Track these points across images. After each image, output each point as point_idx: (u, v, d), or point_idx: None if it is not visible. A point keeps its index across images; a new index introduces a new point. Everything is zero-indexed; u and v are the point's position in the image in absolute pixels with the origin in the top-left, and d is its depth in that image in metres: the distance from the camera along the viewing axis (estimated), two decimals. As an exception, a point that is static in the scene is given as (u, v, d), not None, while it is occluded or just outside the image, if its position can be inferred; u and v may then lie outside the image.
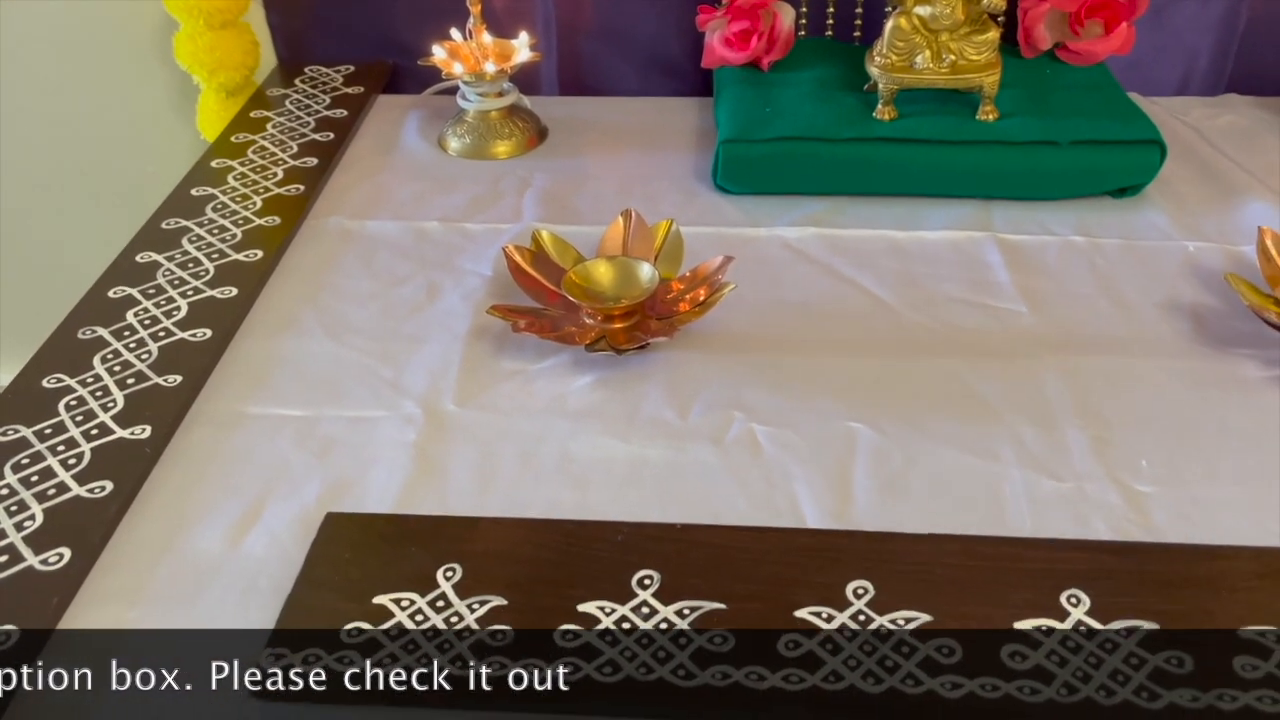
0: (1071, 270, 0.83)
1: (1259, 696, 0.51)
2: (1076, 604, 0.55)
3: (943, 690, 0.51)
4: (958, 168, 0.90)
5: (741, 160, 0.92)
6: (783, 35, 1.02)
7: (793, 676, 0.52)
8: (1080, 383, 0.72)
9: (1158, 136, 0.89)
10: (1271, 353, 0.73)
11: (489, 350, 0.76)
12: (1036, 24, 1.01)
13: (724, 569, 0.58)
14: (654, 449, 0.68)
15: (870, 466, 0.66)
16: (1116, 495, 0.63)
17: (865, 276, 0.83)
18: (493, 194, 0.96)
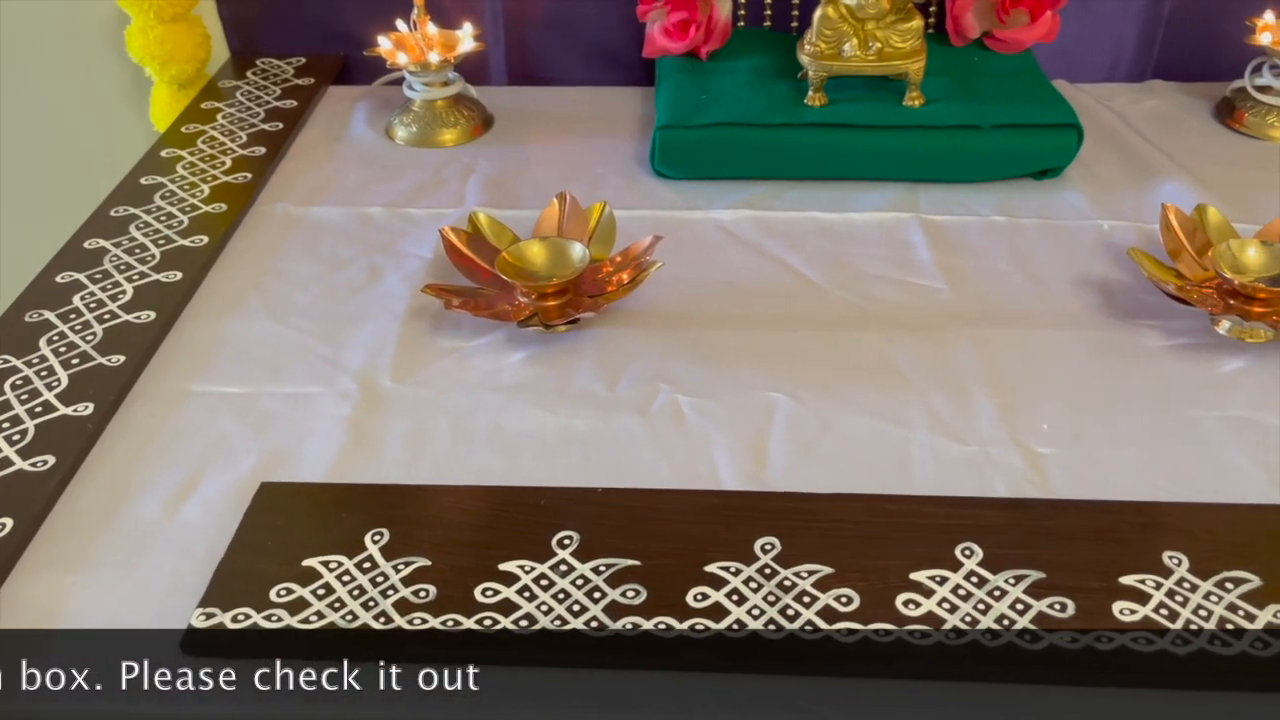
0: (991, 248, 0.87)
1: (1134, 638, 0.54)
2: (970, 556, 0.58)
3: (839, 636, 0.54)
4: (885, 151, 0.94)
5: (678, 146, 0.95)
6: (720, 25, 1.05)
7: (699, 626, 0.55)
8: (991, 353, 0.75)
9: (1075, 121, 0.93)
10: (1173, 323, 0.77)
11: (426, 329, 0.78)
12: (965, 13, 1.04)
13: (640, 528, 0.61)
14: (582, 420, 0.70)
15: (787, 433, 0.69)
16: (1018, 457, 0.66)
17: (794, 256, 0.87)
18: (437, 180, 0.98)
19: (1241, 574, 0.57)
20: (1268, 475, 0.65)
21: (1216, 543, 0.59)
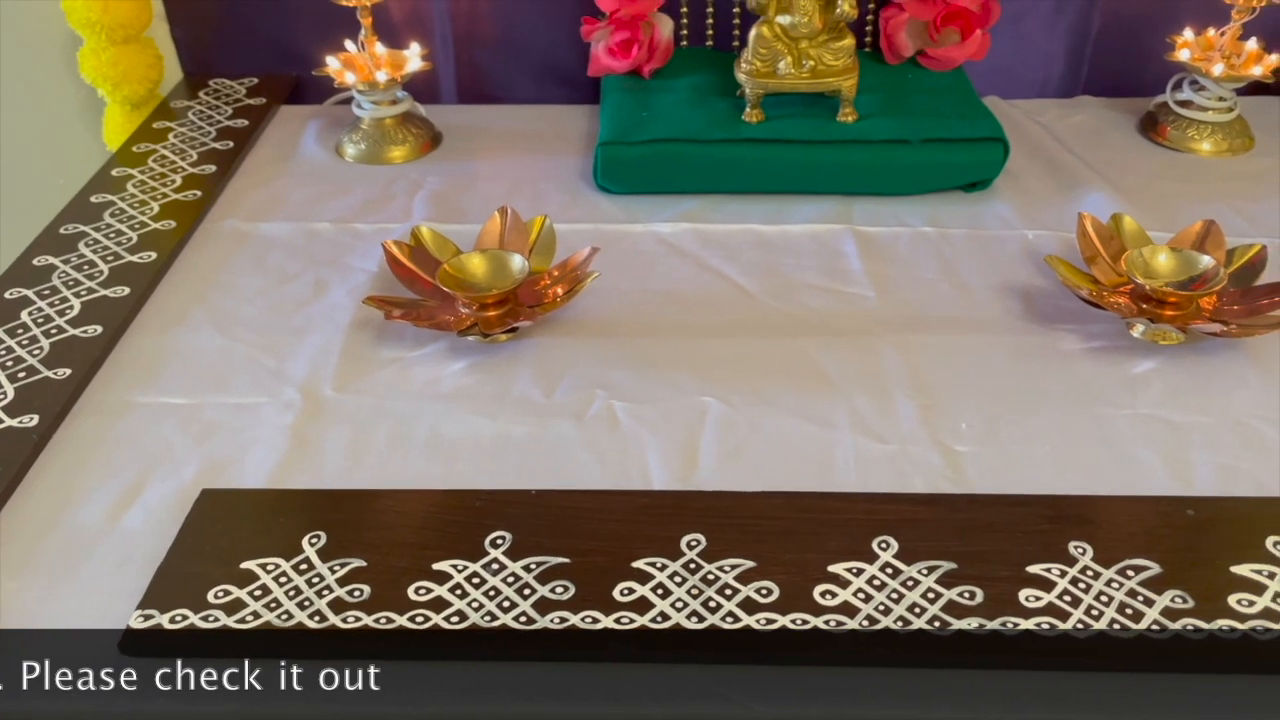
0: (919, 258, 0.90)
1: (1038, 623, 0.57)
2: (886, 548, 0.61)
3: (758, 625, 0.57)
4: (819, 166, 0.97)
5: (619, 161, 0.97)
6: (662, 45, 1.08)
7: (624, 618, 0.57)
8: (915, 357, 0.78)
9: (1001, 135, 0.96)
10: (1089, 327, 0.80)
11: (370, 340, 0.80)
12: (897, 32, 1.08)
13: (571, 528, 0.63)
14: (519, 425, 0.72)
15: (717, 435, 0.71)
16: (936, 455, 0.69)
17: (731, 267, 0.89)
18: (384, 196, 1.00)
19: (1142, 562, 0.60)
20: (1172, 470, 0.68)
21: (1119, 533, 0.62)
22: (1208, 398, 0.73)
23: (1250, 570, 0.59)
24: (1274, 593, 0.58)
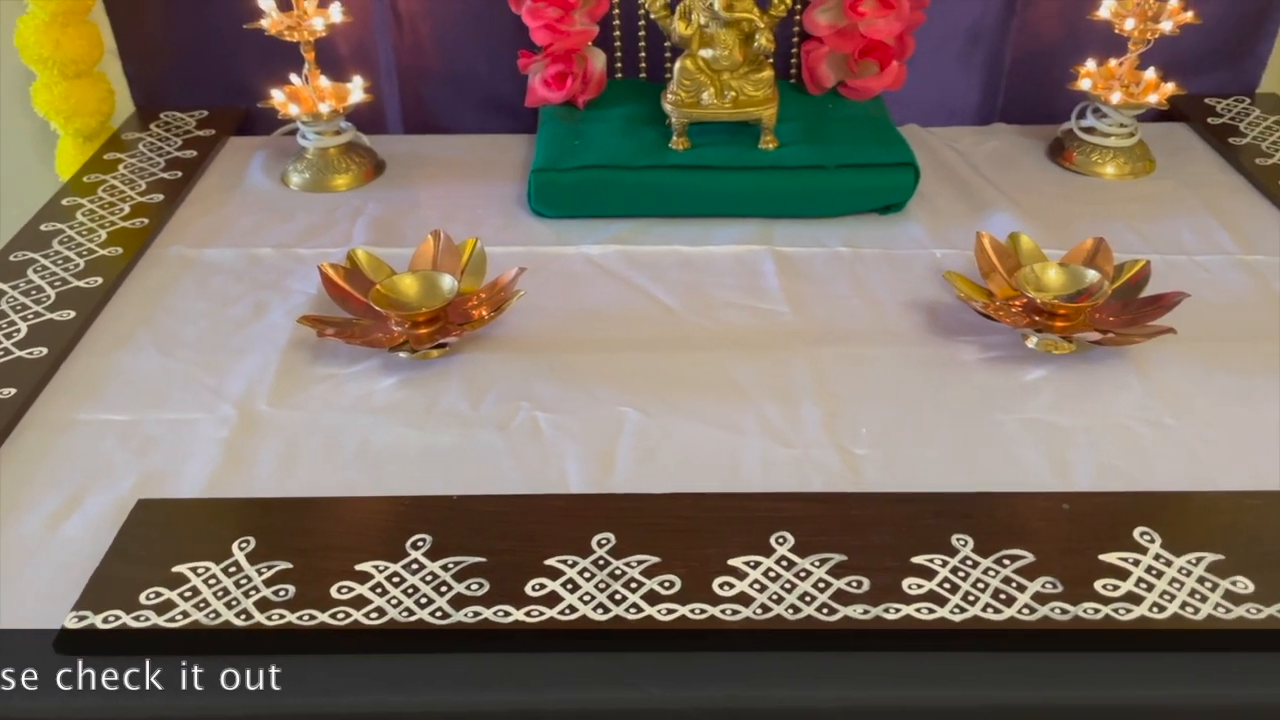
0: (834, 276, 0.95)
1: (918, 609, 0.61)
2: (783, 543, 0.65)
3: (659, 615, 0.61)
4: (741, 191, 1.02)
5: (551, 187, 1.02)
6: (595, 76, 1.13)
7: (534, 612, 0.61)
8: (823, 368, 0.83)
9: (912, 160, 1.02)
10: (988, 338, 0.85)
11: (306, 358, 0.84)
12: (819, 64, 1.14)
13: (489, 529, 0.67)
14: (445, 436, 0.76)
15: (633, 442, 0.75)
16: (836, 458, 0.74)
17: (656, 286, 0.94)
18: (327, 222, 1.04)
19: (1018, 552, 0.64)
20: (1053, 468, 0.73)
21: (999, 526, 0.66)
22: (1093, 402, 0.78)
23: (1117, 558, 0.64)
24: (1137, 578, 0.63)
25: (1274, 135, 1.16)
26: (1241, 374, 0.81)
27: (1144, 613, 0.60)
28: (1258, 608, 0.61)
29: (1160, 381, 0.80)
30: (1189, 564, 0.63)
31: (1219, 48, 1.24)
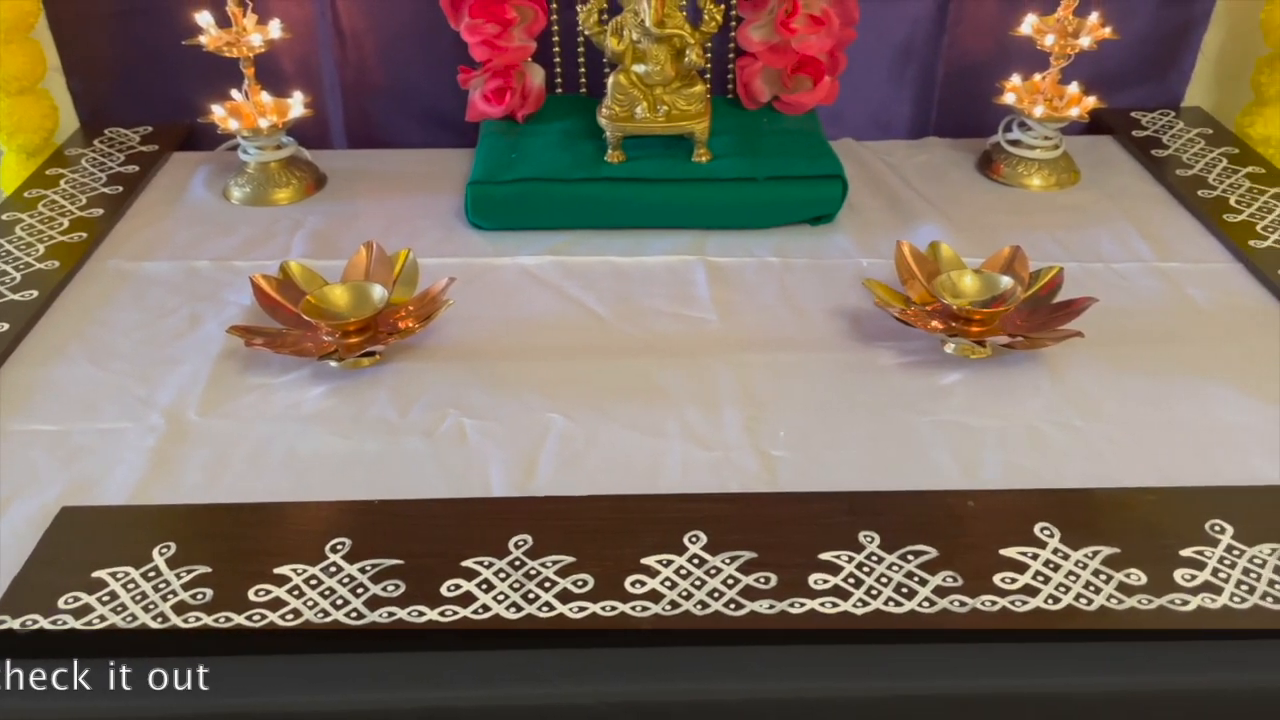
0: (762, 285, 0.97)
1: (822, 603, 0.63)
2: (696, 541, 0.67)
3: (570, 613, 0.62)
4: (674, 202, 1.04)
5: (488, 199, 1.04)
6: (534, 92, 1.15)
7: (448, 611, 0.62)
8: (747, 374, 0.85)
9: (840, 173, 1.05)
10: (908, 344, 0.88)
11: (237, 368, 0.85)
12: (753, 79, 1.16)
13: (408, 533, 0.68)
14: (371, 443, 0.77)
15: (557, 447, 0.77)
16: (754, 460, 0.76)
17: (588, 296, 0.96)
18: (266, 235, 1.05)
19: (922, 547, 0.66)
20: (963, 467, 0.75)
21: (906, 523, 0.68)
22: (1004, 404, 0.81)
23: (1017, 552, 0.66)
24: (1035, 571, 0.65)
25: (1195, 147, 1.19)
26: (1149, 376, 0.84)
27: (1039, 604, 0.62)
28: (1149, 599, 0.63)
29: (1071, 384, 0.83)
30: (1085, 557, 0.65)
31: (1145, 62, 1.28)
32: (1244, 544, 0.66)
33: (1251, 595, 0.63)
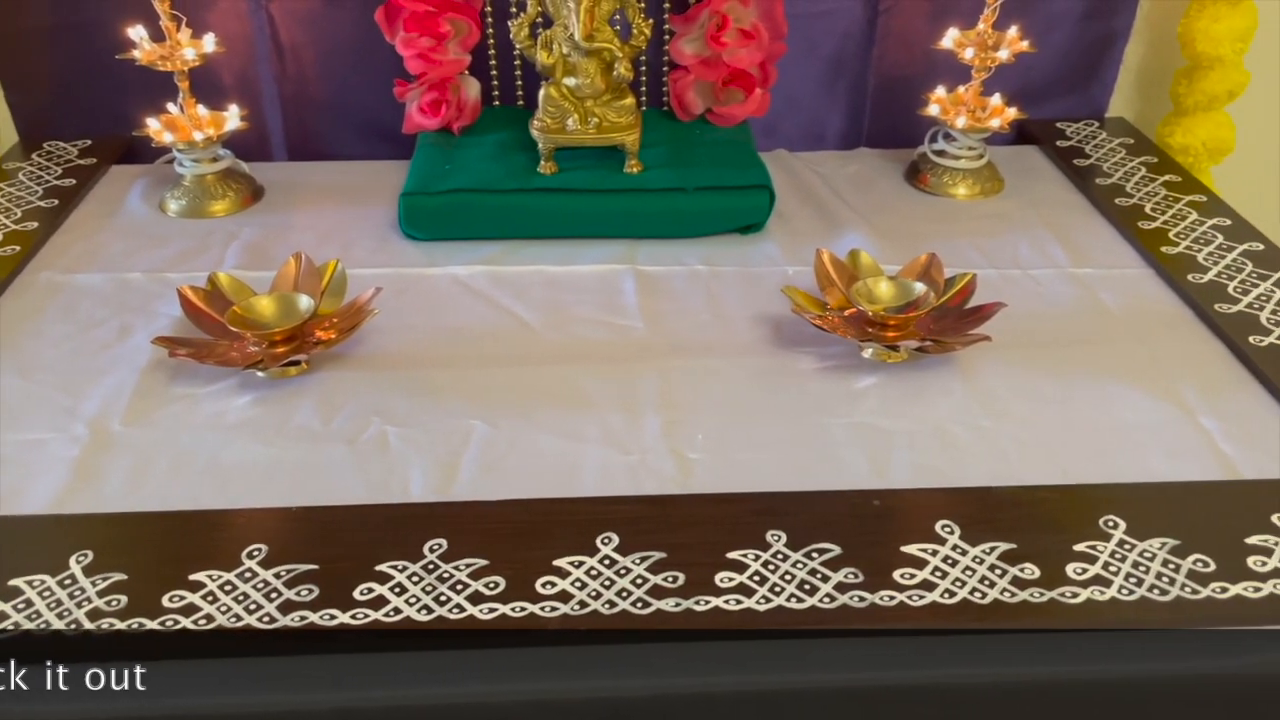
0: (690, 293, 0.99)
1: (727, 600, 0.64)
2: (608, 543, 0.68)
3: (480, 614, 0.63)
4: (606, 212, 1.06)
5: (420, 210, 1.05)
6: (469, 104, 1.17)
7: (359, 614, 0.63)
8: (669, 380, 0.86)
9: (768, 183, 1.07)
10: (827, 349, 0.90)
11: (164, 379, 0.86)
12: (686, 92, 1.19)
13: (324, 538, 0.69)
14: (294, 451, 0.78)
15: (478, 453, 0.78)
16: (670, 463, 0.77)
17: (518, 305, 0.97)
18: (200, 247, 1.06)
19: (826, 545, 0.68)
20: (873, 467, 0.77)
21: (813, 522, 0.70)
22: (916, 407, 0.83)
23: (917, 549, 0.68)
24: (934, 567, 0.67)
25: (1116, 157, 1.23)
26: (1057, 378, 0.86)
27: (935, 599, 0.65)
28: (1041, 592, 0.65)
29: (982, 386, 0.85)
30: (983, 553, 0.68)
31: (1069, 75, 1.31)
32: (1135, 538, 0.69)
33: (1139, 587, 0.65)
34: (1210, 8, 1.21)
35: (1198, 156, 1.27)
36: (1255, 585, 0.66)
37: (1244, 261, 1.01)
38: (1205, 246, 1.04)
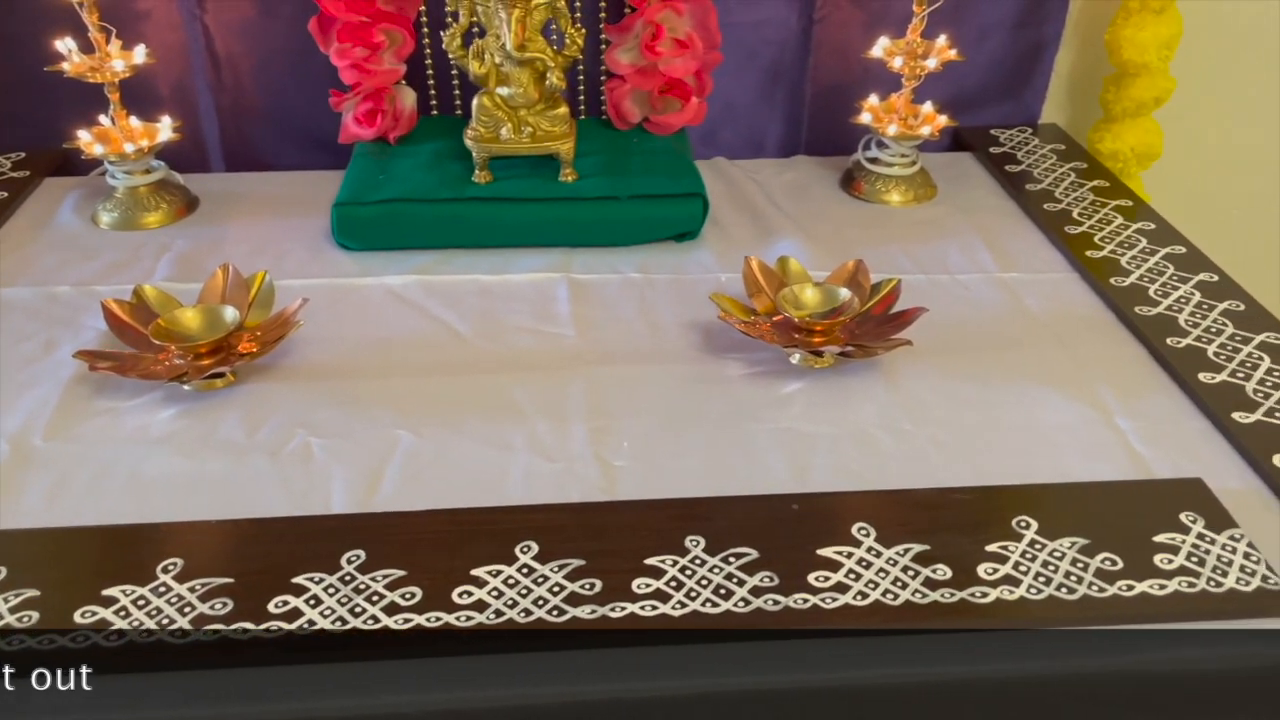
0: (623, 301, 1.00)
1: (643, 606, 0.65)
2: (527, 551, 0.69)
3: (394, 624, 0.63)
4: (540, 221, 1.06)
5: (354, 220, 1.05)
6: (405, 113, 1.17)
7: (273, 627, 0.63)
8: (598, 387, 0.87)
9: (701, 191, 1.08)
10: (756, 355, 0.91)
11: (88, 393, 0.85)
12: (622, 100, 1.19)
13: (241, 551, 0.69)
14: (216, 464, 0.78)
15: (403, 463, 0.78)
16: (596, 470, 0.78)
17: (450, 314, 0.97)
18: (131, 260, 1.05)
19: (744, 549, 0.69)
20: (794, 471, 0.78)
21: (731, 526, 0.71)
22: (840, 411, 0.84)
23: (833, 552, 0.69)
24: (848, 569, 0.68)
25: (1047, 163, 1.25)
26: (979, 381, 0.88)
27: (849, 601, 0.65)
28: (952, 592, 0.66)
29: (905, 391, 0.87)
30: (897, 555, 0.69)
31: (1002, 82, 1.33)
32: (1046, 538, 0.70)
33: (1047, 587, 0.67)
34: (1136, 16, 1.24)
35: (1127, 162, 1.30)
36: (1160, 583, 0.67)
37: (1166, 265, 1.03)
38: (1129, 250, 1.06)
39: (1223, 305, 0.96)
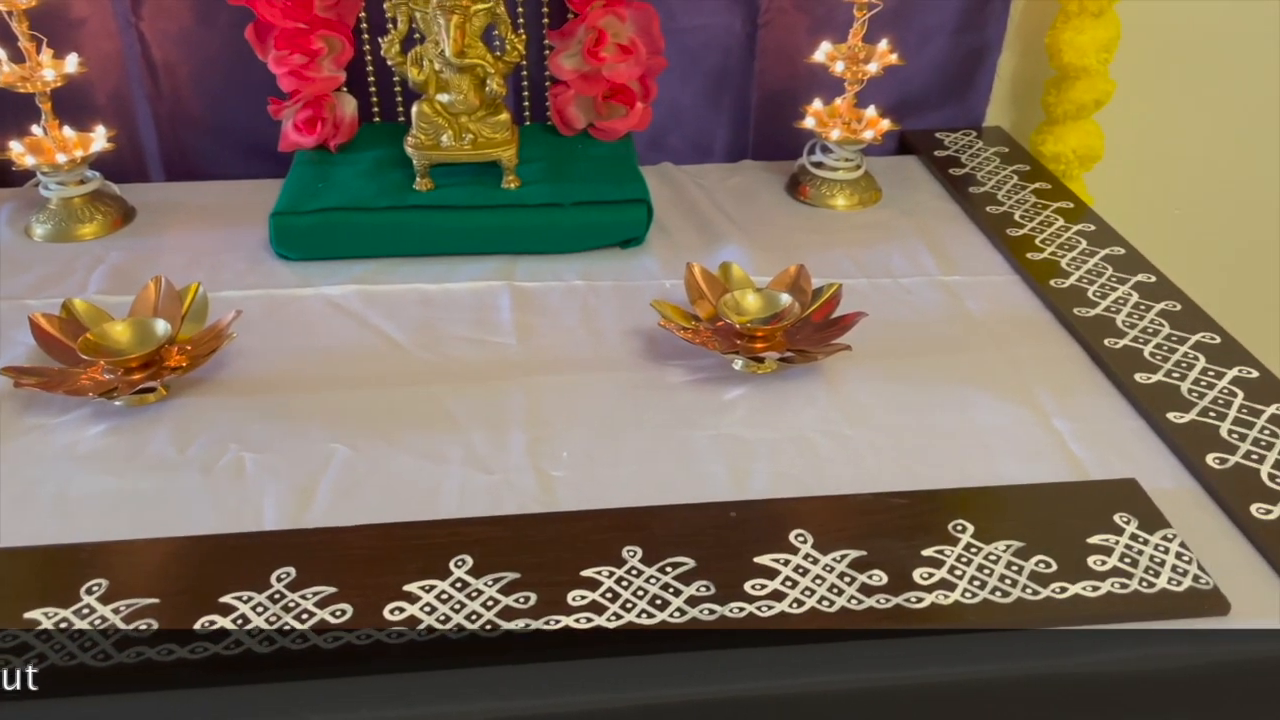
0: (566, 308, 0.99)
1: (578, 619, 0.64)
2: (461, 565, 0.68)
3: (323, 643, 0.62)
4: (482, 229, 1.05)
5: (291, 229, 1.04)
6: (345, 121, 1.16)
7: (198, 649, 0.62)
8: (538, 396, 0.86)
9: (645, 197, 1.07)
10: (698, 361, 0.90)
11: (15, 409, 0.83)
12: (566, 106, 1.19)
13: (167, 570, 0.67)
14: (146, 482, 0.76)
15: (337, 478, 0.77)
16: (533, 481, 0.77)
17: (390, 324, 0.96)
18: (64, 272, 1.03)
19: (681, 558, 0.68)
20: (734, 478, 0.78)
21: (669, 535, 0.70)
22: (780, 416, 0.84)
23: (770, 559, 0.69)
24: (784, 577, 0.67)
25: (990, 166, 1.26)
26: (919, 385, 0.88)
27: (784, 608, 0.65)
28: (887, 597, 0.66)
29: (846, 395, 0.87)
30: (834, 561, 0.69)
31: (945, 86, 1.34)
32: (981, 542, 0.70)
33: (982, 590, 0.67)
34: (1075, 19, 1.25)
35: (1069, 164, 1.31)
36: (1094, 584, 0.67)
37: (1105, 266, 1.04)
38: (1069, 252, 1.07)
39: (1160, 305, 0.97)
